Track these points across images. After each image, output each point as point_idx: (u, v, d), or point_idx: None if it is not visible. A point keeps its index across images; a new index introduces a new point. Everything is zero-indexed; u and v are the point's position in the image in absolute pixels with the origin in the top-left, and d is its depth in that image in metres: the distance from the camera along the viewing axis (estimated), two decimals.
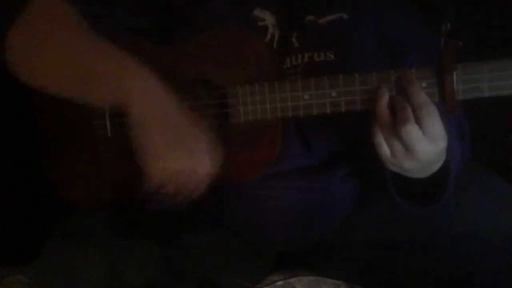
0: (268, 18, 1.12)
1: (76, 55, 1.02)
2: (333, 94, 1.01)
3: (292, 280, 1.22)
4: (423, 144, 0.94)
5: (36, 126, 1.20)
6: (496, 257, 1.08)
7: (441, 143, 0.95)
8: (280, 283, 1.22)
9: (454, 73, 0.95)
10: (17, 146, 1.37)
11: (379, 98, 0.97)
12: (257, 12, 1.12)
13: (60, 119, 1.18)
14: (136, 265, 1.10)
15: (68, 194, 1.19)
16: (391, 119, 0.95)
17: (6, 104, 1.35)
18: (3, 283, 1.31)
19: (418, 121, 0.93)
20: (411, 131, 0.93)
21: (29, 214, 1.40)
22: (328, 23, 1.12)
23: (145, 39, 1.07)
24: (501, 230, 1.09)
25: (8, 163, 1.38)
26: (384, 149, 0.96)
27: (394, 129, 0.94)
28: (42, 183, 1.21)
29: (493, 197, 1.12)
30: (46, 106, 1.18)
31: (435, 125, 0.93)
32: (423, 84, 0.97)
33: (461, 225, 1.10)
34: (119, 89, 0.99)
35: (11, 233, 1.39)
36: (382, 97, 0.97)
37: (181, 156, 1.00)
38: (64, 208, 1.19)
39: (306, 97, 1.02)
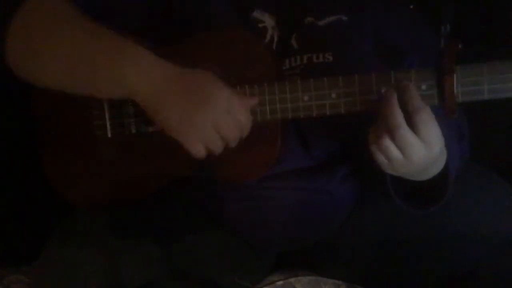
0: (267, 20, 1.12)
1: (76, 48, 1.01)
2: (333, 95, 1.01)
3: (292, 280, 1.22)
4: (418, 150, 0.93)
5: (36, 126, 1.20)
6: (496, 257, 1.08)
7: (435, 148, 0.95)
8: (280, 283, 1.22)
9: (454, 75, 0.94)
10: (17, 146, 1.37)
11: (387, 102, 0.95)
12: (257, 14, 1.12)
13: (60, 120, 1.18)
14: (136, 265, 1.10)
15: (68, 194, 1.19)
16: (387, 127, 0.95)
17: (6, 104, 1.35)
18: (3, 283, 1.31)
19: (414, 127, 0.93)
20: (406, 136, 0.93)
21: (29, 214, 1.40)
22: (327, 25, 1.12)
23: (144, 40, 1.07)
24: (501, 230, 1.09)
25: (8, 163, 1.38)
26: (381, 157, 0.96)
27: (390, 135, 0.94)
28: (42, 183, 1.20)
29: (493, 197, 1.12)
30: (46, 106, 1.18)
31: (431, 130, 0.93)
32: (423, 87, 0.97)
33: (461, 225, 1.10)
34: (124, 80, 0.98)
35: (11, 233, 1.40)
36: (390, 101, 0.95)
37: (211, 114, 0.99)
38: (64, 208, 1.19)
39: (305, 98, 1.02)
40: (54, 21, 1.03)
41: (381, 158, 0.96)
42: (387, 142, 0.93)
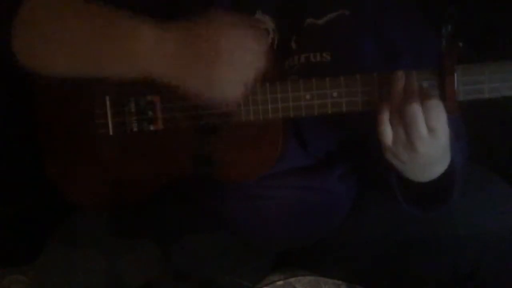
0: (268, 23, 1.13)
1: (84, 31, 1.01)
2: (335, 94, 1.02)
3: (292, 280, 1.23)
4: (424, 132, 0.94)
5: (37, 125, 1.20)
6: (496, 257, 1.09)
7: (442, 138, 0.96)
8: (280, 283, 1.23)
9: (455, 74, 0.96)
10: (18, 145, 1.37)
11: (396, 80, 0.97)
12: (258, 16, 1.13)
13: (62, 118, 1.17)
14: (136, 265, 1.11)
15: (69, 194, 1.19)
16: (401, 103, 0.96)
17: (7, 102, 1.35)
18: (3, 283, 1.31)
19: (424, 112, 0.94)
20: (417, 113, 0.94)
21: (29, 214, 1.40)
22: (327, 22, 1.12)
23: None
24: (501, 231, 1.09)
25: (9, 162, 1.38)
26: (387, 137, 0.96)
27: (401, 112, 0.95)
28: (42, 183, 1.20)
29: (493, 198, 1.13)
30: (47, 105, 1.18)
31: (439, 118, 0.94)
32: (424, 85, 0.98)
33: (461, 226, 1.11)
34: (135, 59, 0.98)
35: (11, 233, 1.39)
36: (399, 79, 0.97)
37: (231, 61, 0.97)
38: (64, 208, 1.19)
39: (307, 97, 1.03)
40: (61, 7, 1.03)
41: (386, 139, 0.96)
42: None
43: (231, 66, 0.97)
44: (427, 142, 0.95)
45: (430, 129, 0.94)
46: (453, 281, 1.12)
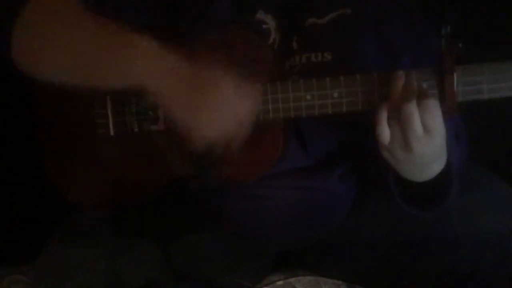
0: (270, 22, 1.13)
1: (83, 41, 1.01)
2: (335, 94, 1.02)
3: (292, 280, 1.23)
4: (419, 132, 0.94)
5: (37, 125, 1.20)
6: (496, 257, 1.09)
7: (438, 138, 0.96)
8: (280, 283, 1.23)
9: (454, 74, 0.96)
10: (18, 145, 1.37)
11: (396, 79, 0.98)
12: (260, 16, 1.13)
13: (62, 118, 1.18)
14: (136, 265, 1.11)
15: (69, 194, 1.19)
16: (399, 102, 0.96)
17: (8, 103, 1.35)
18: (3, 283, 1.31)
19: (420, 111, 0.94)
20: (413, 113, 0.94)
21: (29, 214, 1.40)
22: (328, 22, 1.12)
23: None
24: (501, 230, 1.09)
25: (9, 162, 1.38)
26: (384, 136, 0.96)
27: (398, 110, 0.95)
28: (42, 183, 1.21)
29: (493, 198, 1.13)
30: (48, 105, 1.18)
31: (435, 118, 0.94)
32: (423, 85, 0.98)
33: (461, 225, 1.11)
34: (132, 70, 0.98)
35: (11, 233, 1.40)
36: (398, 79, 0.98)
37: (219, 111, 0.98)
38: (64, 208, 1.19)
39: (308, 97, 1.03)
40: (60, 16, 1.04)
41: (384, 138, 0.96)
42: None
43: (217, 114, 0.98)
44: (422, 142, 0.95)
45: (426, 129, 0.94)
46: (453, 281, 1.12)
